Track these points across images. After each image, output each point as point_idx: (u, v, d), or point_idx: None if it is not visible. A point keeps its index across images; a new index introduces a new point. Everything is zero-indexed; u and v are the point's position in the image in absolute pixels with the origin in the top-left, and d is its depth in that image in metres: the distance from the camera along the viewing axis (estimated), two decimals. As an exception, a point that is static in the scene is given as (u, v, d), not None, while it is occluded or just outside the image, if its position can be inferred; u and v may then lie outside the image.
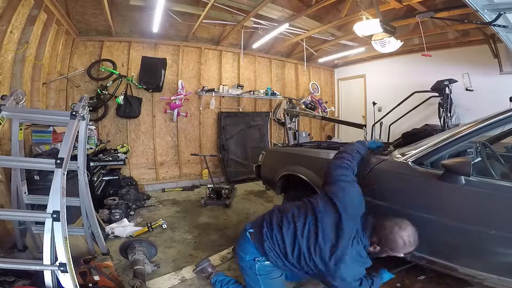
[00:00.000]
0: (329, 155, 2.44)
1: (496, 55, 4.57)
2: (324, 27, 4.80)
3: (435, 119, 5.02)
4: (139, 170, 5.12)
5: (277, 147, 3.94)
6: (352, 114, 7.24)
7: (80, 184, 2.02)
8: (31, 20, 3.06)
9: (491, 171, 1.76)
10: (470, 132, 1.68)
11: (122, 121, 4.92)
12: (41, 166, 1.69)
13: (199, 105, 5.56)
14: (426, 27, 4.69)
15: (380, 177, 1.96)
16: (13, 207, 1.98)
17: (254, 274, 1.80)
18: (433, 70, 5.20)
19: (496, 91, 4.53)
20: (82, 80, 4.57)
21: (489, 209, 1.53)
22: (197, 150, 5.55)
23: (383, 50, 4.04)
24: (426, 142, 1.89)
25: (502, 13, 2.68)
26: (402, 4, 3.69)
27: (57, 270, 1.38)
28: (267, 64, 6.51)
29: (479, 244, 1.54)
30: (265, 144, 6.07)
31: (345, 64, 7.41)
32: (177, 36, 5.23)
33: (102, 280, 1.92)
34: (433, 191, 1.70)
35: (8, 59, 2.79)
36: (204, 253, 2.66)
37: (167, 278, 2.23)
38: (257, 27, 4.86)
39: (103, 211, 3.41)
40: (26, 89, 3.13)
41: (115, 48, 4.86)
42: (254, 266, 1.80)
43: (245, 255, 1.83)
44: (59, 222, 1.39)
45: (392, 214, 1.71)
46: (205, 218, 3.65)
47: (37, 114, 2.07)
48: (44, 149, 3.06)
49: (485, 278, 1.55)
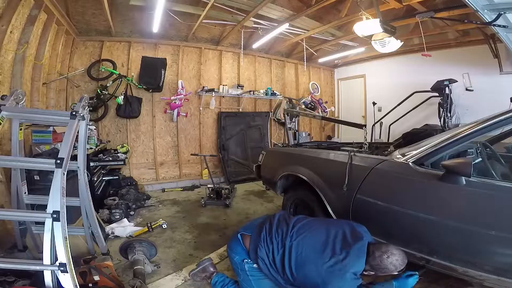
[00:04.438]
0: (329, 155, 2.45)
1: (496, 55, 4.57)
2: (324, 27, 4.80)
3: (435, 119, 5.02)
4: (139, 170, 5.12)
5: (277, 147, 3.94)
6: (352, 114, 7.25)
7: (80, 184, 2.02)
8: (31, 20, 3.06)
9: (491, 172, 1.77)
10: (471, 133, 1.68)
11: (122, 121, 4.92)
12: (41, 166, 1.68)
13: (199, 105, 5.55)
14: (426, 27, 4.69)
15: (380, 178, 1.96)
16: (13, 207, 1.98)
17: (246, 275, 1.85)
18: (433, 70, 5.20)
19: (496, 91, 4.53)
20: (82, 80, 4.57)
21: (489, 210, 1.53)
22: (197, 150, 5.55)
23: (383, 50, 4.05)
24: (427, 142, 1.89)
25: (502, 13, 2.68)
26: (402, 4, 3.69)
27: (57, 270, 1.37)
28: (267, 64, 6.51)
29: (479, 244, 1.54)
30: (265, 144, 6.07)
31: (345, 64, 7.42)
32: (177, 36, 5.23)
33: (102, 280, 1.92)
34: (434, 191, 1.70)
35: (8, 59, 2.79)
36: (204, 253, 2.66)
37: (169, 279, 2.23)
38: (257, 27, 4.86)
39: (103, 211, 3.41)
40: (26, 89, 3.13)
41: (115, 48, 4.86)
42: (244, 267, 1.85)
43: (235, 255, 1.89)
44: (59, 222, 1.39)
45: (375, 242, 1.70)
46: (205, 218, 3.64)
47: (37, 114, 2.06)
48: (44, 149, 3.06)
49: (485, 278, 1.55)
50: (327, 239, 1.66)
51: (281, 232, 1.78)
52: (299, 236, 1.72)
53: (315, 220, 1.87)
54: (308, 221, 1.85)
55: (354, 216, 2.07)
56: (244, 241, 1.90)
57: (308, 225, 1.80)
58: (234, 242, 1.94)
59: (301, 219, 1.88)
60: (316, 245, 1.65)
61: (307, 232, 1.74)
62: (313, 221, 1.87)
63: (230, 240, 2.01)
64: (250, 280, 1.83)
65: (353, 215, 2.07)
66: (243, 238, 1.90)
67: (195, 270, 2.15)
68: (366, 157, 2.13)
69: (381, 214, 1.92)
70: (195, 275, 2.15)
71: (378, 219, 1.94)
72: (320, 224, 1.82)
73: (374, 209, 1.95)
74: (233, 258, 1.91)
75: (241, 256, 1.87)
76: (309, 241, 1.69)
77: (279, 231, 1.79)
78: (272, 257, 1.74)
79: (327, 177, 2.30)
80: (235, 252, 1.90)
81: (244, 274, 1.86)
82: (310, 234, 1.73)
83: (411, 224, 1.77)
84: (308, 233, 1.74)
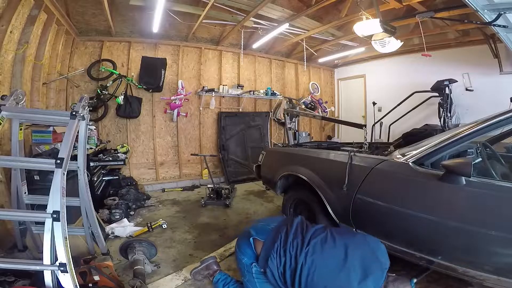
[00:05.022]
0: (329, 155, 2.45)
1: (496, 55, 4.57)
2: (324, 27, 4.80)
3: (435, 119, 5.02)
4: (139, 170, 5.12)
5: (277, 147, 3.94)
6: (352, 114, 7.25)
7: (80, 184, 2.02)
8: (31, 20, 3.06)
9: (491, 172, 1.76)
10: (471, 133, 1.68)
11: (122, 121, 4.92)
12: (41, 166, 1.68)
13: (199, 105, 5.55)
14: (426, 27, 4.69)
15: (380, 178, 1.96)
16: (13, 207, 1.98)
17: (252, 277, 1.82)
18: (433, 70, 5.20)
19: (496, 91, 4.53)
20: (82, 80, 4.57)
21: (489, 210, 1.53)
22: (197, 150, 5.55)
23: (383, 50, 4.04)
24: (427, 142, 1.89)
25: (502, 13, 2.68)
26: (402, 4, 3.69)
27: (57, 270, 1.37)
28: (267, 64, 6.51)
29: (479, 244, 1.54)
30: (265, 144, 6.07)
31: (345, 64, 7.42)
32: (177, 36, 5.23)
33: (102, 280, 1.92)
34: (434, 191, 1.69)
35: (8, 59, 2.78)
36: (204, 253, 2.65)
37: (169, 279, 2.22)
38: (257, 27, 4.86)
39: (103, 211, 3.41)
40: (26, 89, 3.13)
41: (115, 48, 4.86)
42: (251, 269, 1.81)
43: (243, 256, 1.85)
44: (59, 222, 1.38)
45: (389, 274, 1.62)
46: (205, 218, 3.64)
47: (37, 114, 2.06)
48: (44, 149, 3.06)
49: (485, 278, 1.55)
50: (344, 261, 1.55)
51: (296, 245, 1.68)
52: (315, 254, 1.62)
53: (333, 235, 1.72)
54: (325, 236, 1.72)
55: (354, 216, 2.07)
56: (256, 246, 1.82)
57: (325, 241, 1.68)
58: (245, 244, 1.86)
59: (318, 231, 1.76)
60: (331, 266, 1.57)
61: (323, 250, 1.64)
62: (331, 238, 1.71)
63: (240, 240, 1.94)
64: (255, 282, 1.80)
65: (353, 215, 2.07)
66: (254, 242, 1.83)
67: (198, 268, 2.14)
68: (366, 157, 2.13)
69: (381, 214, 1.92)
70: (197, 273, 2.13)
71: (378, 219, 1.95)
72: (338, 241, 1.68)
73: (374, 209, 1.95)
74: (241, 259, 1.86)
75: (250, 259, 1.82)
76: (324, 261, 1.60)
77: (294, 243, 1.69)
78: (283, 270, 1.67)
79: (327, 177, 2.30)
80: (244, 254, 1.85)
81: (250, 275, 1.82)
82: (327, 253, 1.63)
83: (411, 224, 1.77)
84: (324, 251, 1.64)
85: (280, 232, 1.78)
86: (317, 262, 1.59)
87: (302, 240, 1.70)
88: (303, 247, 1.66)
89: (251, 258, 1.82)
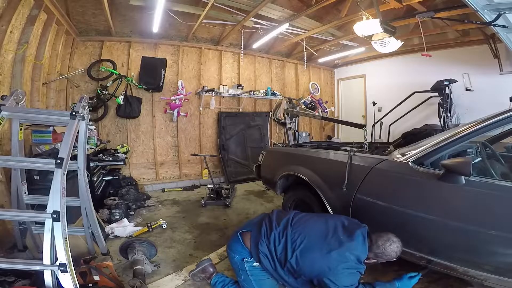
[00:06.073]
0: (329, 155, 2.45)
1: (496, 55, 4.57)
2: (324, 27, 4.80)
3: (435, 119, 5.03)
4: (139, 170, 5.12)
5: (277, 147, 3.94)
6: (352, 114, 7.25)
7: (80, 184, 2.02)
8: (31, 20, 3.06)
9: (491, 171, 1.77)
10: (470, 132, 1.68)
11: (122, 121, 4.92)
12: (41, 166, 1.68)
13: (199, 105, 5.55)
14: (426, 27, 4.69)
15: (380, 178, 1.96)
16: (13, 207, 1.98)
17: (246, 275, 1.85)
18: (433, 70, 5.20)
19: (496, 91, 4.53)
20: (82, 80, 4.57)
21: (489, 209, 1.53)
22: (197, 150, 5.55)
23: (383, 50, 4.04)
24: (426, 142, 1.89)
25: (502, 13, 2.68)
26: (402, 4, 3.69)
27: (57, 270, 1.37)
28: (267, 64, 6.51)
29: (479, 244, 1.54)
30: (265, 144, 6.07)
31: (345, 64, 7.41)
32: (177, 36, 5.23)
33: (102, 280, 1.92)
34: (433, 191, 1.70)
35: (8, 59, 2.79)
36: (204, 253, 2.66)
37: (169, 279, 2.22)
38: (257, 27, 4.86)
39: (103, 211, 3.41)
40: (26, 89, 3.13)
41: (115, 48, 4.86)
42: (244, 266, 1.86)
43: (234, 254, 1.90)
44: (59, 222, 1.39)
45: (377, 230, 1.75)
46: (205, 218, 3.64)
47: (37, 114, 2.06)
48: (44, 149, 3.06)
49: (485, 278, 1.55)
50: (328, 228, 1.75)
51: (282, 223, 1.84)
52: (300, 226, 1.79)
53: (312, 213, 1.99)
54: (306, 214, 1.96)
55: (354, 215, 2.07)
56: (244, 240, 1.91)
57: (307, 217, 1.92)
58: (234, 242, 1.95)
59: (298, 212, 1.97)
60: (318, 233, 1.73)
61: (307, 222, 1.83)
62: (311, 214, 1.99)
63: (230, 241, 2.02)
64: (251, 280, 1.84)
65: (353, 215, 2.07)
66: (242, 237, 1.91)
67: (195, 271, 2.15)
68: (366, 157, 2.13)
69: (381, 213, 1.92)
70: (194, 275, 2.14)
71: (378, 219, 1.94)
72: (318, 216, 1.94)
73: (374, 209, 1.95)
74: (233, 258, 1.92)
75: (241, 255, 1.88)
76: (311, 229, 1.77)
77: (280, 223, 1.85)
78: (274, 248, 1.77)
79: (327, 177, 2.30)
80: (235, 252, 1.91)
81: (244, 274, 1.86)
82: (311, 223, 1.82)
83: (411, 224, 1.77)
84: (308, 223, 1.83)
85: (263, 220, 1.93)
86: (304, 231, 1.76)
87: (287, 218, 1.87)
88: (289, 222, 1.83)
89: (242, 254, 1.88)
